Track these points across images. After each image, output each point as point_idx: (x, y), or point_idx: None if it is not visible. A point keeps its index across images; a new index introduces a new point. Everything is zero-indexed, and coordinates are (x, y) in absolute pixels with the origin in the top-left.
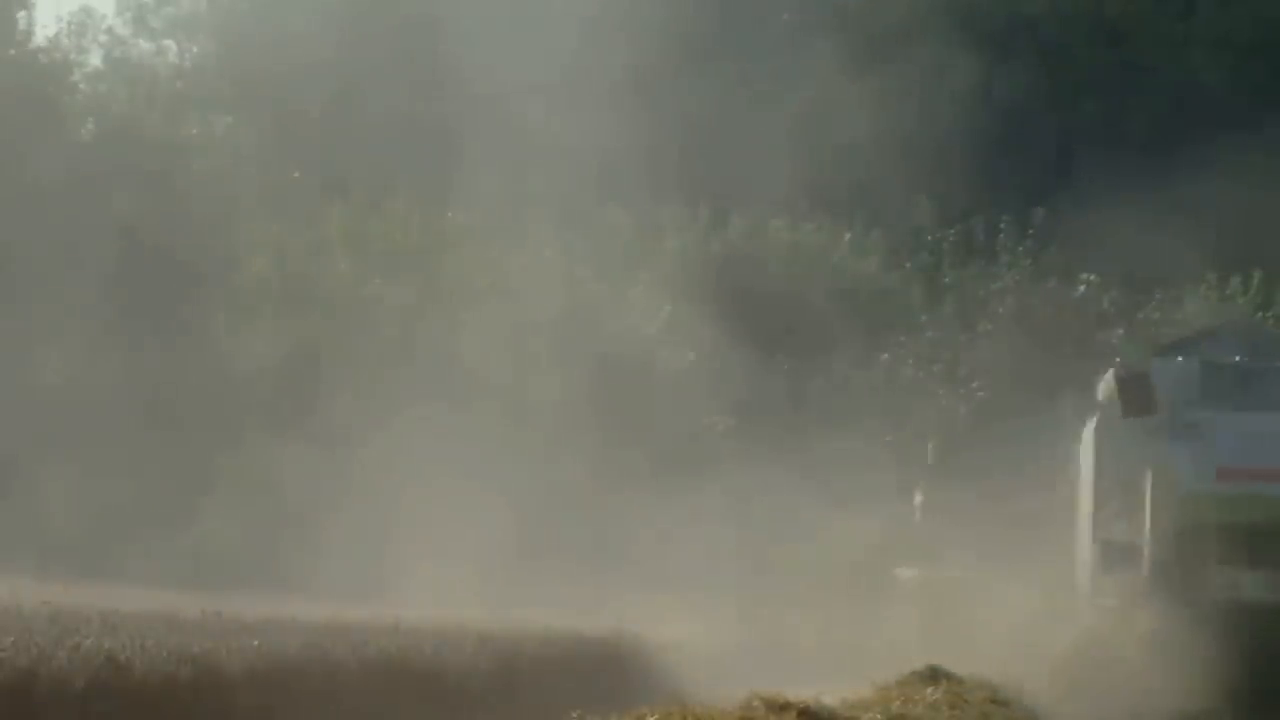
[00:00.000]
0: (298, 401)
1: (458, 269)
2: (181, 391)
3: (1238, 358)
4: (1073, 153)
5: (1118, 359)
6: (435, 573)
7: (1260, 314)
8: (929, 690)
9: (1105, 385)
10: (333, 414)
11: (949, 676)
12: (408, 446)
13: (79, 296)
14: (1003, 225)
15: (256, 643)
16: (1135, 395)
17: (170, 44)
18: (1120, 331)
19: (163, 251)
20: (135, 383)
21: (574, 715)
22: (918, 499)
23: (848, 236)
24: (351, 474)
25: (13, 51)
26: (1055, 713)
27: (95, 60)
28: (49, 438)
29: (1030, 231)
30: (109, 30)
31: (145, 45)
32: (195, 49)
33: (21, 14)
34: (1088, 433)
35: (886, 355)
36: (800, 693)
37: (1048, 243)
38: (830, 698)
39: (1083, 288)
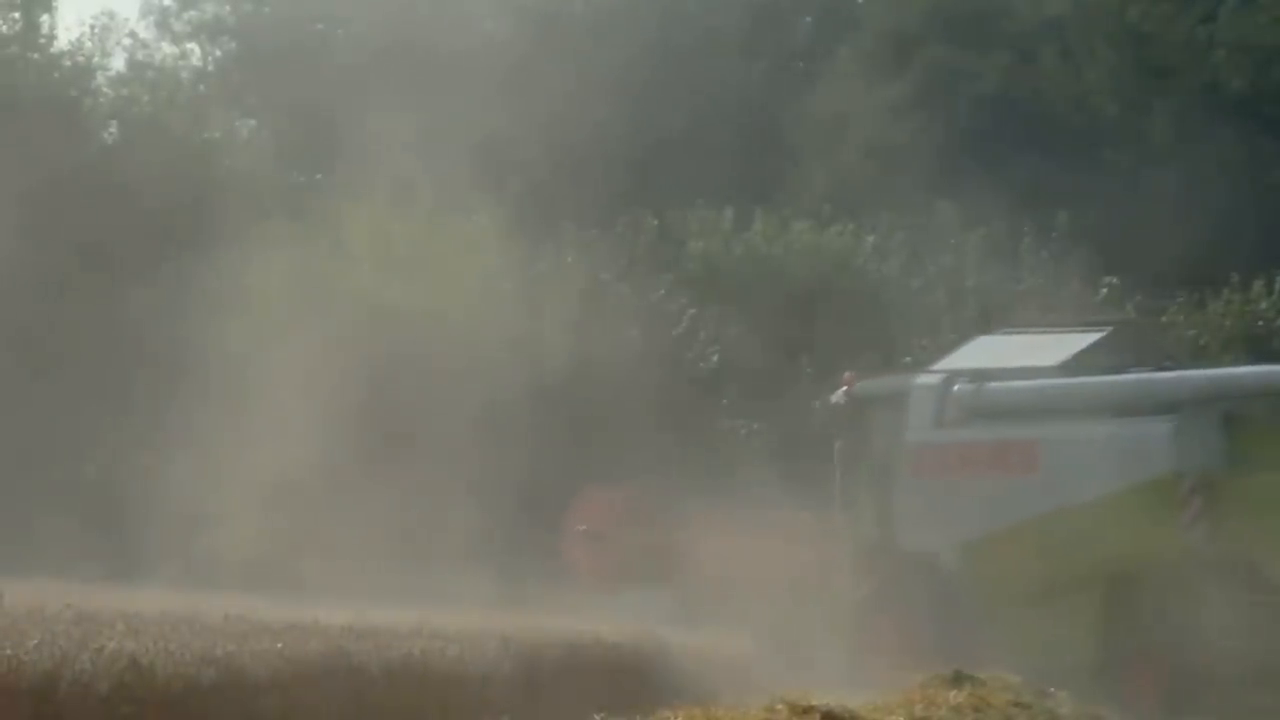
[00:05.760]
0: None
1: (479, 272)
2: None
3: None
4: (1096, 155)
5: (847, 373)
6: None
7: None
8: (952, 693)
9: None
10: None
11: (972, 679)
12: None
13: (94, 298)
14: (1025, 228)
15: (280, 645)
16: None
17: (193, 47)
18: None
19: (183, 253)
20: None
21: (596, 718)
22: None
23: (871, 239)
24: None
25: (36, 55)
26: None
27: (118, 64)
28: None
29: (1053, 234)
30: (132, 34)
31: (168, 48)
32: (219, 52)
33: (45, 17)
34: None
35: (909, 358)
36: (823, 696)
37: (1071, 246)
38: (854, 701)
39: (1105, 290)
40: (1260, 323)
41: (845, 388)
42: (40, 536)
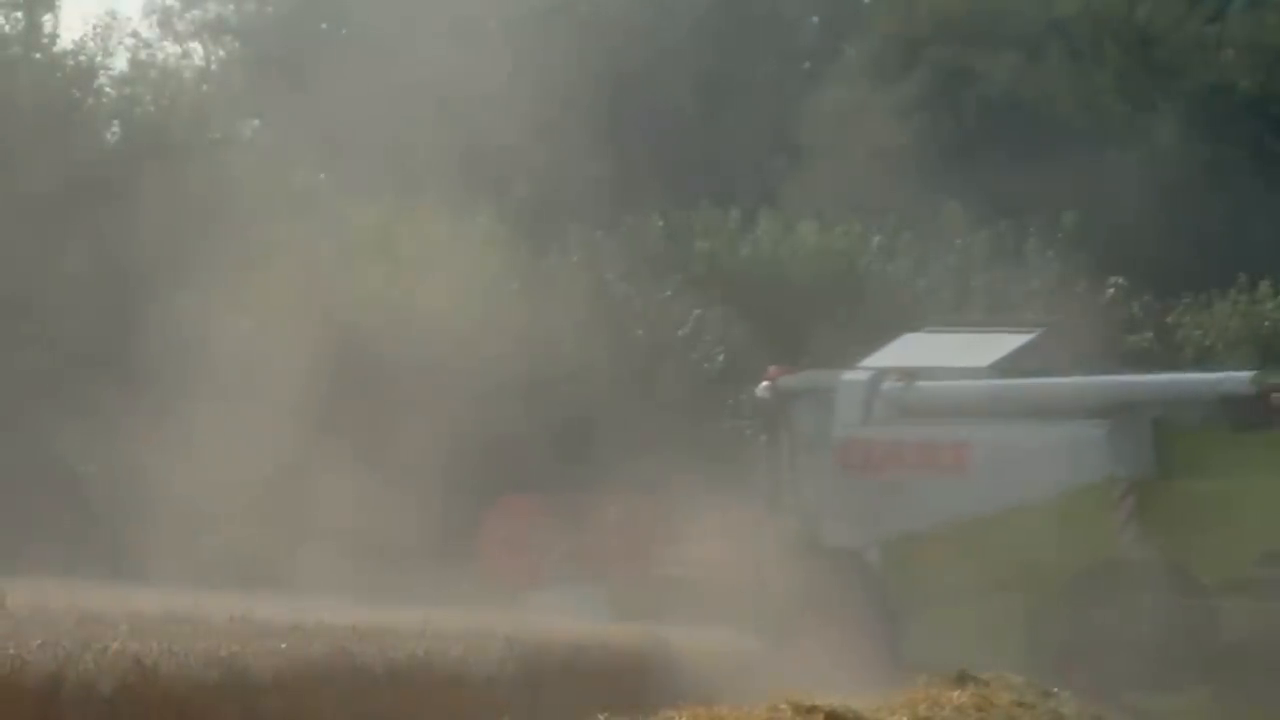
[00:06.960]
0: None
1: (484, 272)
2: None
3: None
4: (1103, 156)
5: (772, 367)
6: None
7: None
8: (956, 694)
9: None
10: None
11: (976, 680)
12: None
13: (95, 299)
14: (1032, 228)
15: (283, 646)
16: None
17: (196, 47)
18: (1149, 335)
19: (185, 254)
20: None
21: (600, 719)
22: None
23: (876, 239)
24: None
25: (38, 55)
26: None
27: (121, 64)
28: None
29: (1059, 235)
30: (135, 33)
31: (171, 48)
32: (221, 52)
33: (47, 17)
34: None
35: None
36: (827, 696)
37: (1077, 246)
38: (857, 701)
39: (1111, 291)
40: (1266, 323)
41: (768, 381)
42: (41, 537)
